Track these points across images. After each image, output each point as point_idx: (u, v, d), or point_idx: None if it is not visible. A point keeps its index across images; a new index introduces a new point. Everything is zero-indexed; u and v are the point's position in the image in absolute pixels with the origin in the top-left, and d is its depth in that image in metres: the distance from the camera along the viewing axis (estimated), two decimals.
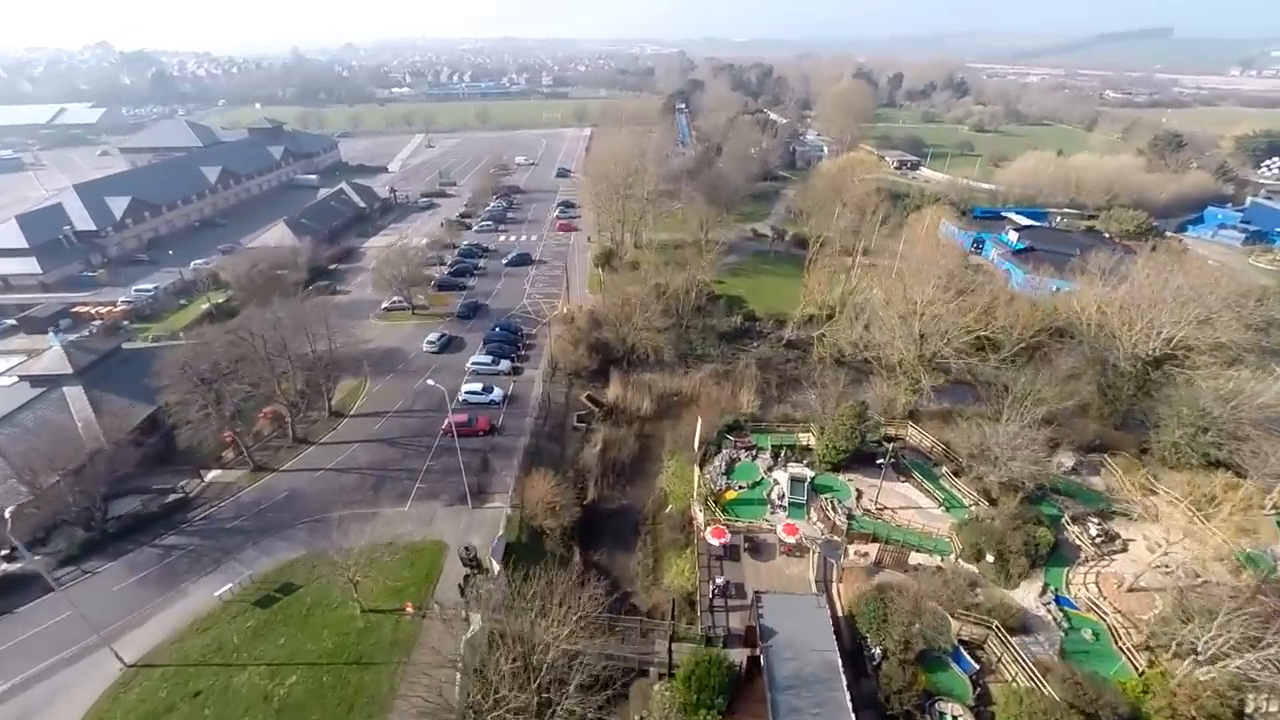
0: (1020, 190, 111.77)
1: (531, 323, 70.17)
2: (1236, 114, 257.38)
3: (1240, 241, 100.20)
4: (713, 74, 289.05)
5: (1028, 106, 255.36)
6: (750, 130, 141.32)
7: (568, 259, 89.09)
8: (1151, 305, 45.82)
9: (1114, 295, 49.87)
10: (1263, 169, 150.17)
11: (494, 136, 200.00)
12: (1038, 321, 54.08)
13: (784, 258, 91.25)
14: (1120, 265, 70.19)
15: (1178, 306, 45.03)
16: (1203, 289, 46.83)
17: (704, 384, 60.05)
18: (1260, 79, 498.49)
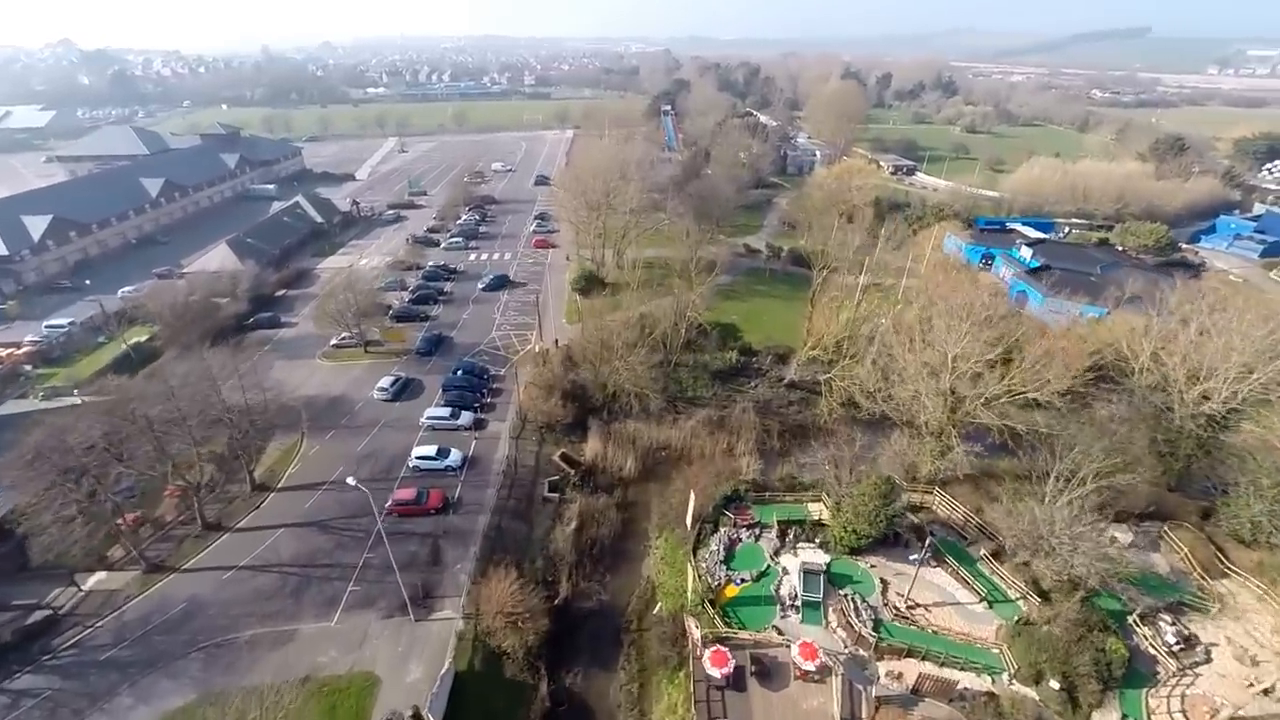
0: (1026, 199, 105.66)
1: (500, 360, 62.01)
2: (1225, 114, 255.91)
3: (1258, 254, 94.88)
4: (699, 74, 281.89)
5: (1017, 107, 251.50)
6: (739, 134, 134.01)
7: (544, 281, 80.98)
8: (1224, 358, 38.84)
9: (1175, 339, 42.78)
10: (1264, 173, 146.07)
11: (471, 140, 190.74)
12: (1079, 363, 47.28)
13: (781, 277, 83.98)
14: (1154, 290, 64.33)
15: (1258, 359, 38.11)
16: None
17: (695, 434, 52.41)
18: (1238, 78, 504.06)
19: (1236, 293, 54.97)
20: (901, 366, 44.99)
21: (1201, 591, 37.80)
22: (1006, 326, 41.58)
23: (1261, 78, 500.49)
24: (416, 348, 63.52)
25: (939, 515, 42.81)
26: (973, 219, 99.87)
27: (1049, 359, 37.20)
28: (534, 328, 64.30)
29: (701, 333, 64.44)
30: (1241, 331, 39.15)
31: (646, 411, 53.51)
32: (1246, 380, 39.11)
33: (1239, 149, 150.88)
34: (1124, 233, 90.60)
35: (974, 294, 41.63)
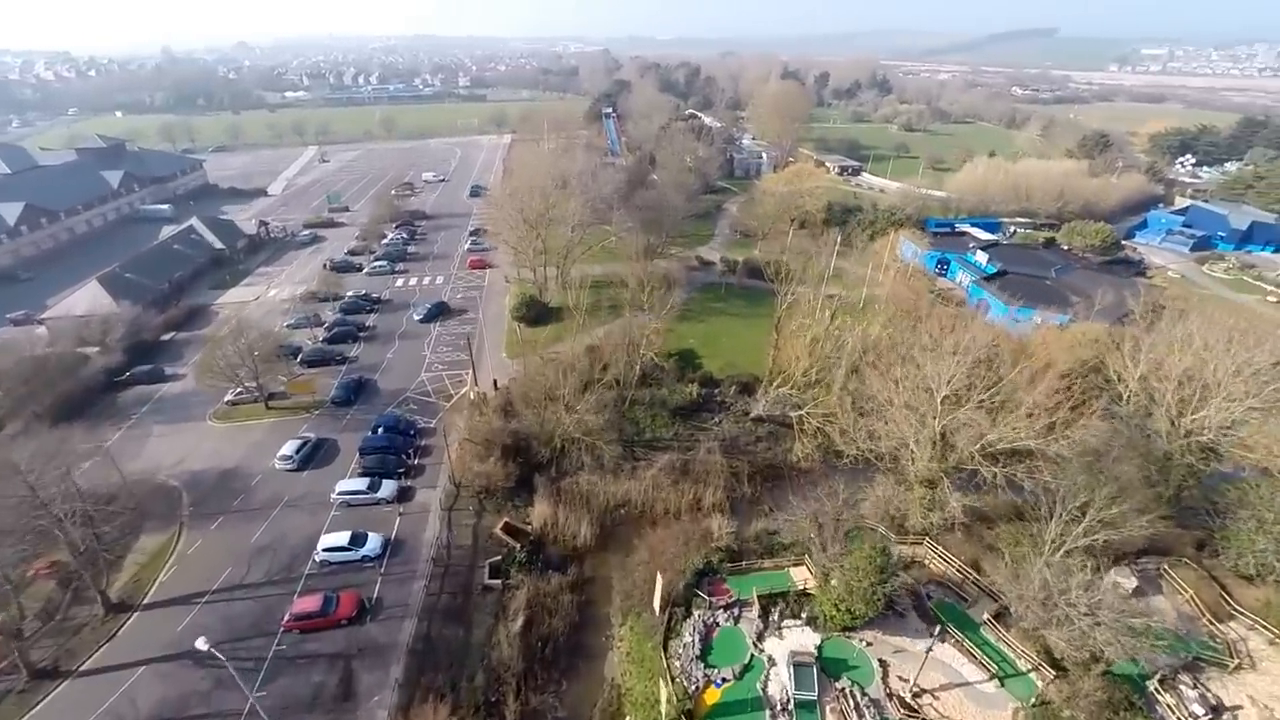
0: (973, 199, 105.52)
1: (431, 409, 54.09)
2: (1134, 109, 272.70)
3: (1188, 248, 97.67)
4: (639, 74, 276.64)
5: (948, 105, 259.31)
6: (684, 138, 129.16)
7: (480, 309, 73.16)
8: (1221, 383, 36.02)
9: (1163, 363, 39.93)
10: (1177, 166, 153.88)
11: (400, 147, 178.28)
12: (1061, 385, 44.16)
13: (738, 292, 79.24)
14: (1119, 297, 63.09)
15: (1255, 385, 35.44)
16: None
17: (658, 485, 46.38)
18: (1135, 75, 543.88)
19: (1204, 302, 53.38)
20: (880, 404, 40.50)
21: (1214, 640, 34.95)
22: (996, 359, 37.28)
23: (1155, 74, 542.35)
24: (332, 397, 54.75)
25: (932, 570, 38.51)
26: (923, 221, 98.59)
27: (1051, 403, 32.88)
28: (473, 364, 56.61)
29: (657, 364, 58.61)
30: (1232, 355, 36.48)
31: (600, 464, 47.11)
32: (1241, 403, 36.58)
33: (1155, 144, 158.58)
34: (1070, 232, 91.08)
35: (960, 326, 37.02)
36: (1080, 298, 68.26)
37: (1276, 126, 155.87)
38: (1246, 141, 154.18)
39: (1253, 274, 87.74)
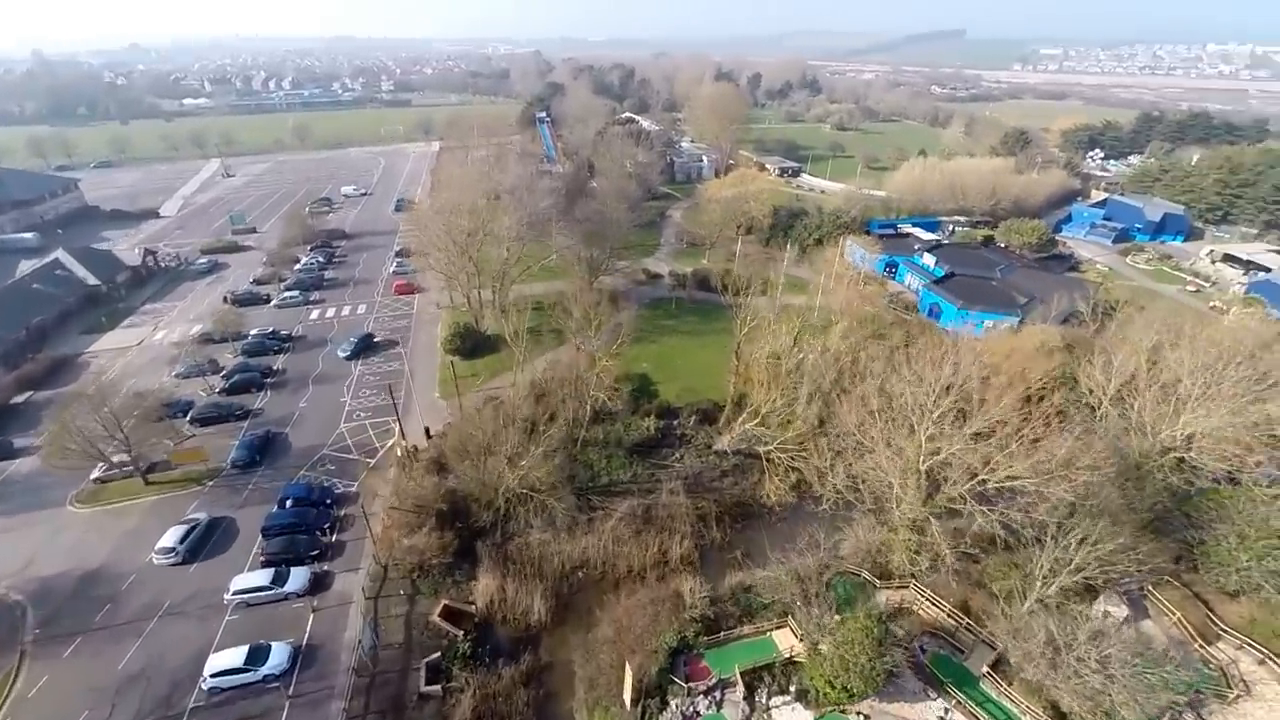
0: (912, 198, 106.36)
1: (352, 467, 46.93)
2: (1042, 106, 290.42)
3: (1111, 240, 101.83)
4: (572, 76, 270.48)
5: (875, 103, 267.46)
6: (623, 143, 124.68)
7: (409, 340, 65.84)
8: (1204, 393, 34.65)
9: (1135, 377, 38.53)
10: (1088, 160, 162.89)
11: (317, 158, 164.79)
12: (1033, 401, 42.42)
13: (689, 307, 75.31)
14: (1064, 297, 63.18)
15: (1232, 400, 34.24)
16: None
17: (618, 538, 41.48)
18: (1036, 73, 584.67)
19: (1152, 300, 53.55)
20: (857, 440, 37.19)
21: (1209, 667, 33.55)
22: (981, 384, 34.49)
23: (1053, 72, 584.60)
24: (231, 459, 46.59)
25: (922, 618, 35.47)
26: (866, 222, 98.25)
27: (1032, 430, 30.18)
28: (399, 413, 49.64)
29: (611, 393, 53.57)
30: (1210, 368, 35.28)
31: (552, 520, 41.68)
32: (1211, 416, 35.48)
33: (1067, 140, 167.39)
34: (1008, 230, 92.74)
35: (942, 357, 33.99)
36: (1026, 298, 68.51)
37: (1169, 122, 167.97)
38: (1145, 136, 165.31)
39: (1171, 264, 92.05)
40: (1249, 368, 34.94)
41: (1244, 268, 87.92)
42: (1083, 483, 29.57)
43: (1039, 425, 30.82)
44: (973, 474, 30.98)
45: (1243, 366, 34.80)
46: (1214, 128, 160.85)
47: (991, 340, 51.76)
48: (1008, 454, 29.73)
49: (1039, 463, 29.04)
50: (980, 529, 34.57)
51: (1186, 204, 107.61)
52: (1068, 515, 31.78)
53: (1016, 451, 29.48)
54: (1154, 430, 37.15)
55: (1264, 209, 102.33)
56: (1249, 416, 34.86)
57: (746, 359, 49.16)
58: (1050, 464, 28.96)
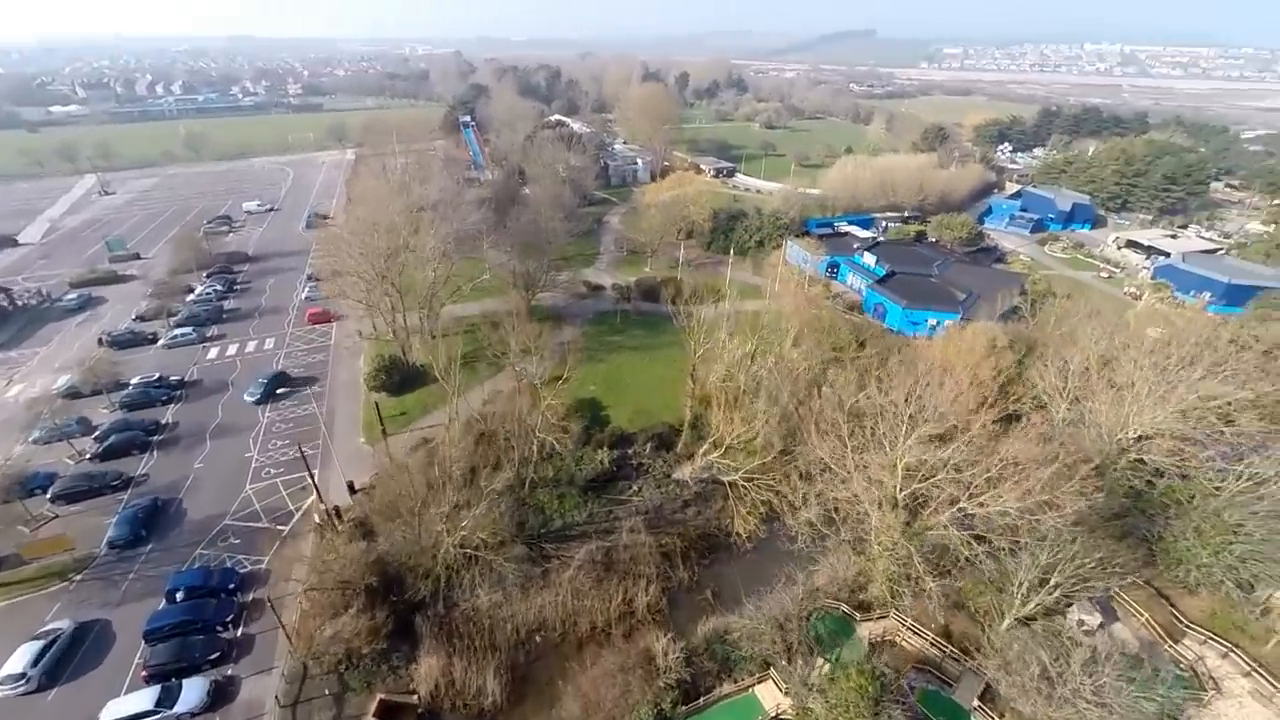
0: (847, 197, 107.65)
1: (260, 540, 40.38)
2: (950, 102, 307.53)
3: (1029, 231, 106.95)
4: (496, 77, 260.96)
5: (800, 101, 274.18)
6: (554, 147, 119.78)
7: (327, 378, 58.84)
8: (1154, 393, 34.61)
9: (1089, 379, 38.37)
10: (999, 153, 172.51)
11: (214, 171, 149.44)
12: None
13: (634, 320, 71.89)
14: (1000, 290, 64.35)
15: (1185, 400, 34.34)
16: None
17: (578, 591, 37.59)
18: (941, 71, 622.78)
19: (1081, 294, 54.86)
20: (827, 466, 34.99)
21: (1180, 668, 33.59)
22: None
23: (956, 70, 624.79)
24: (108, 540, 39.01)
25: (906, 650, 33.67)
26: (804, 221, 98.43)
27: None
28: (313, 476, 43.29)
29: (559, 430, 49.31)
30: (1162, 369, 35.38)
31: (502, 580, 37.14)
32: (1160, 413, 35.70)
33: (979, 134, 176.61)
34: (939, 226, 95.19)
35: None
36: (965, 294, 69.70)
37: (1066, 116, 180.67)
38: (1046, 129, 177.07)
39: (1084, 252, 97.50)
40: (1198, 369, 35.29)
41: (1146, 252, 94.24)
42: (1073, 511, 28.31)
43: (1016, 443, 29.36)
44: (954, 501, 29.21)
45: (1194, 368, 35.09)
46: (1103, 121, 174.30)
47: (944, 342, 51.29)
48: (990, 481, 28.02)
49: (1026, 492, 27.48)
50: (956, 550, 33.15)
51: (1090, 194, 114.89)
52: (1041, 538, 30.70)
53: (998, 477, 27.81)
54: (1110, 432, 37.07)
55: (1156, 196, 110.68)
56: (1194, 413, 35.19)
57: (702, 380, 46.24)
58: (1036, 489, 27.42)
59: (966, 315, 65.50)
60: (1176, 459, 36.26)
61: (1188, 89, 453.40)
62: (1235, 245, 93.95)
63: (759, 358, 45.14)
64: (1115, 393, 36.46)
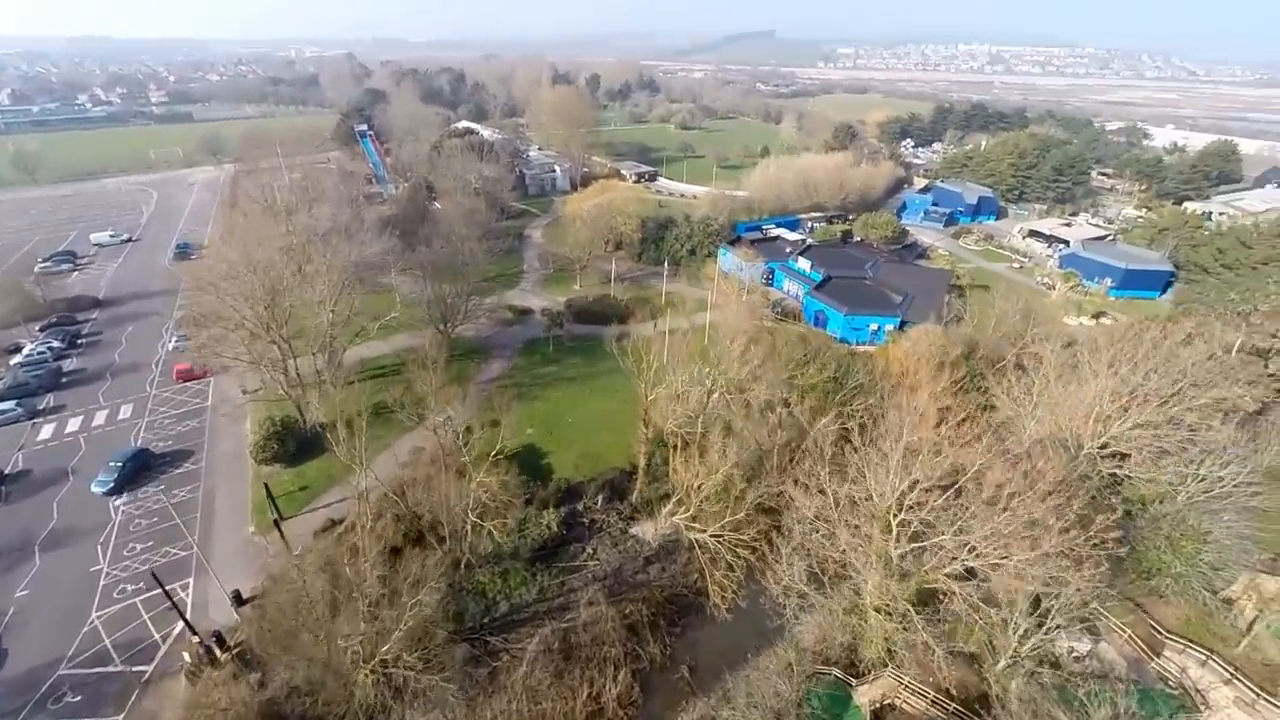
0: (772, 199, 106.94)
1: (112, 691, 31.24)
2: (851, 100, 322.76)
3: (942, 225, 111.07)
4: (395, 82, 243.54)
5: (712, 102, 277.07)
6: (465, 157, 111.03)
7: (204, 451, 48.79)
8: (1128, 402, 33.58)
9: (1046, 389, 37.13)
10: (902, 149, 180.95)
11: (54, 196, 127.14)
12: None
13: (568, 346, 66.08)
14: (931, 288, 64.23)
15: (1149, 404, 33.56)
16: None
17: (534, 692, 31.79)
18: (838, 70, 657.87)
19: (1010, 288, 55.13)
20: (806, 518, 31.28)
21: (1169, 686, 32.84)
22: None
23: (850, 69, 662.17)
24: None
25: (908, 712, 30.65)
26: (732, 225, 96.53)
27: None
28: (192, 575, 34.39)
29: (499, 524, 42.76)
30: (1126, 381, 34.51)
31: (439, 702, 30.57)
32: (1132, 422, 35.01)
33: (883, 131, 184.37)
34: (865, 225, 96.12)
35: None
36: (901, 295, 69.59)
37: (958, 113, 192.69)
38: (942, 125, 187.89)
39: (994, 244, 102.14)
40: (1164, 376, 34.78)
41: (1048, 241, 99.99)
42: (1091, 561, 26.03)
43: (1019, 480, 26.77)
44: (955, 557, 26.20)
45: (1161, 377, 34.52)
46: (990, 117, 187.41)
47: (896, 354, 49.57)
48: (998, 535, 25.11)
49: (1034, 538, 24.82)
50: (949, 596, 30.45)
51: (991, 186, 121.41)
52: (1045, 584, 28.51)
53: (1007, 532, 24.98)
54: (1077, 444, 36.02)
55: (1048, 187, 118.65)
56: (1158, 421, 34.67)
57: (656, 423, 41.46)
58: (1052, 544, 24.83)
59: (905, 317, 65.19)
60: (1143, 467, 35.67)
61: (1047, 85, 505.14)
62: (1120, 230, 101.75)
63: (716, 390, 40.94)
64: (1082, 405, 35.44)
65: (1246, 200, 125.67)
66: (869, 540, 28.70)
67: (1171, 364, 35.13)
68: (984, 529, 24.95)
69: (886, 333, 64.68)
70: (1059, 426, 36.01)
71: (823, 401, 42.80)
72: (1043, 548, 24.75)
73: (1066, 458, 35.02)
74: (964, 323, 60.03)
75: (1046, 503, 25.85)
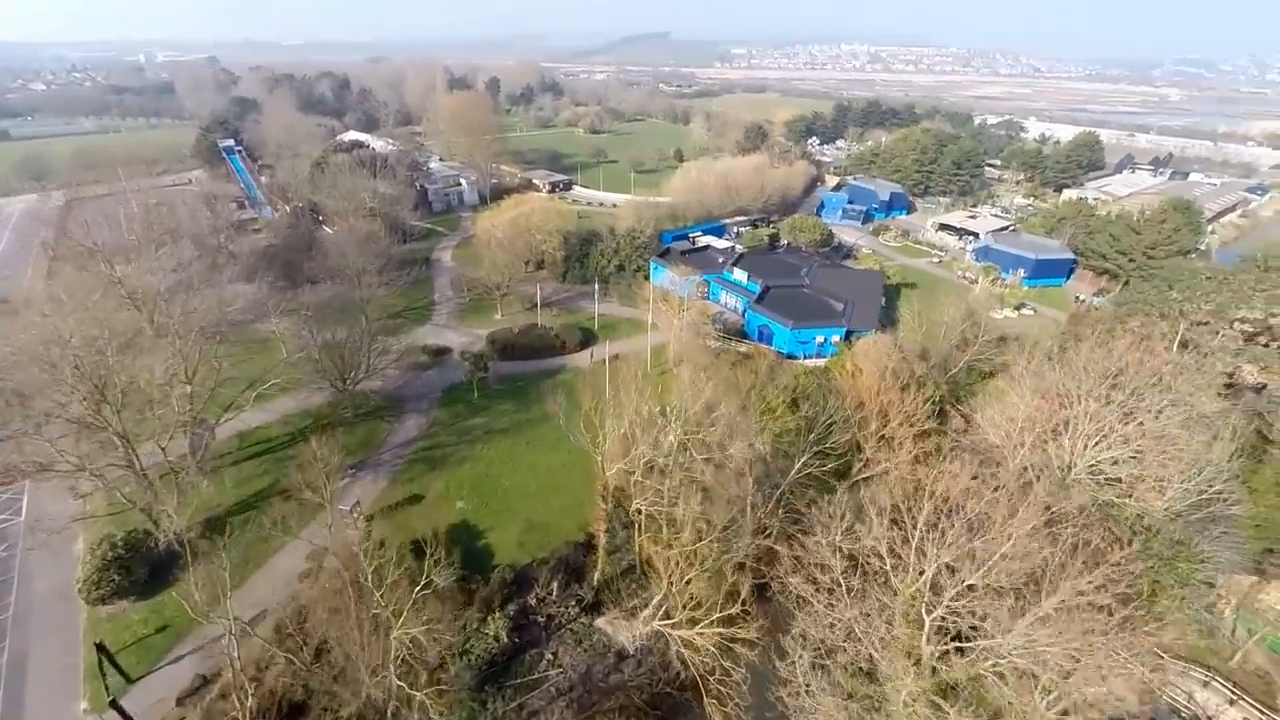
0: (697, 205, 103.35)
1: None
2: (752, 99, 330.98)
3: (860, 222, 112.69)
4: (268, 89, 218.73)
5: (618, 103, 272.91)
6: (355, 174, 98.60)
7: (13, 590, 36.57)
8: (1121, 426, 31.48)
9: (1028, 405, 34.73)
10: (809, 147, 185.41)
11: None
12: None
13: (495, 390, 58.07)
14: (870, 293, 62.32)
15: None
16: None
17: None
18: (735, 70, 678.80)
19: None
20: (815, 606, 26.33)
21: (1180, 717, 31.22)
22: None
23: (745, 69, 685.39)
24: None
25: None
26: (658, 234, 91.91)
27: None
28: None
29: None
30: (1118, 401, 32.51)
31: None
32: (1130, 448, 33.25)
33: (789, 129, 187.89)
34: (792, 229, 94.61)
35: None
36: (841, 303, 67.64)
37: (856, 111, 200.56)
38: (843, 123, 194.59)
39: (912, 239, 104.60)
40: (1151, 397, 33.19)
41: (958, 234, 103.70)
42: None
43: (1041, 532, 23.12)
44: (1005, 656, 22.10)
45: (1144, 396, 32.87)
46: (884, 114, 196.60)
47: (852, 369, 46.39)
48: (1045, 621, 21.23)
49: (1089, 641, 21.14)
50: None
51: (899, 181, 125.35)
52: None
53: (1056, 616, 21.15)
54: (1066, 469, 33.84)
55: (950, 181, 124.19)
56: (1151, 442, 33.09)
57: (614, 491, 35.18)
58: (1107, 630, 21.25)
59: (850, 326, 63.14)
60: (1130, 487, 34.09)
61: (921, 82, 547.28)
62: (1019, 220, 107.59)
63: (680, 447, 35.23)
64: (1074, 428, 33.29)
65: (1113, 185, 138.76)
66: (890, 631, 24.15)
67: (1158, 382, 33.81)
68: (1045, 630, 21.00)
69: (834, 344, 62.24)
70: (1047, 453, 33.68)
71: (796, 442, 38.44)
72: (1097, 630, 21.11)
73: (1058, 488, 32.61)
74: (909, 328, 58.34)
75: (1096, 572, 22.35)
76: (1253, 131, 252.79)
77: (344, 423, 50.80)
